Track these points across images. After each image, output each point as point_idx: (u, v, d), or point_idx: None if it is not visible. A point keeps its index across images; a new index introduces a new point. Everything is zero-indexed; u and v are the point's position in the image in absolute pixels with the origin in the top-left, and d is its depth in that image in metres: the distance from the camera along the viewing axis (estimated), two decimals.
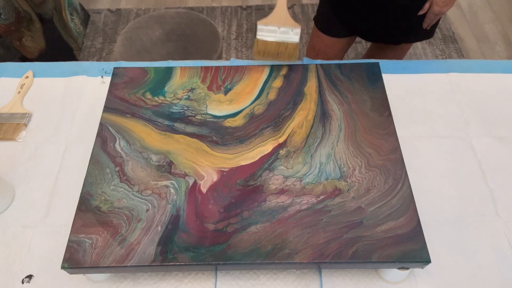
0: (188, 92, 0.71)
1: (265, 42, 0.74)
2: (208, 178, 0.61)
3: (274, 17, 0.74)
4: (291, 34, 0.74)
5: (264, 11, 1.99)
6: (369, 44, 1.87)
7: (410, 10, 0.93)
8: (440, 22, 1.93)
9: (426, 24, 0.95)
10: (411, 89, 0.82)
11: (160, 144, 0.65)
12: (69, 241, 0.55)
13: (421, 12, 0.91)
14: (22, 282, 0.61)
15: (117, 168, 0.62)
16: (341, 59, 1.17)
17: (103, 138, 0.65)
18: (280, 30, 0.74)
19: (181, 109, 0.69)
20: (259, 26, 0.74)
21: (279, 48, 0.75)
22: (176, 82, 0.73)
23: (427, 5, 0.90)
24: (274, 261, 0.53)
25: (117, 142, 0.65)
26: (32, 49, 1.53)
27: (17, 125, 0.77)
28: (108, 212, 0.58)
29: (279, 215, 0.57)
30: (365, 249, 0.54)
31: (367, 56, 1.22)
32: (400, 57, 1.12)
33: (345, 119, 0.67)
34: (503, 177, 0.70)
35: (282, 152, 0.63)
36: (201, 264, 0.53)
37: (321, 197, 0.59)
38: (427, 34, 1.02)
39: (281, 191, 0.59)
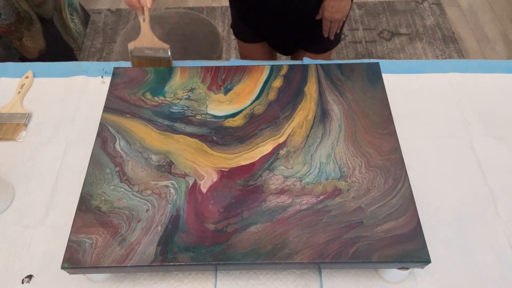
0: (188, 92, 0.71)
1: (140, 61, 0.79)
2: (208, 178, 0.61)
3: (141, 40, 0.77)
4: (162, 53, 0.77)
5: None
6: (368, 43, 1.87)
7: (306, 17, 0.93)
8: (440, 22, 1.93)
9: (326, 32, 0.95)
10: (411, 89, 0.82)
11: (160, 144, 0.65)
12: (69, 241, 0.55)
13: (318, 17, 0.92)
14: (22, 282, 0.61)
15: (117, 168, 0.62)
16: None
17: (103, 138, 0.65)
18: (150, 50, 0.78)
19: (181, 109, 0.69)
20: (129, 48, 0.77)
21: (154, 65, 0.78)
22: (176, 82, 0.73)
23: (321, 11, 0.90)
24: (274, 261, 0.53)
25: (117, 142, 0.65)
26: (32, 49, 1.53)
27: (17, 125, 0.77)
28: (108, 212, 0.58)
29: (279, 215, 0.57)
30: (365, 249, 0.54)
31: None
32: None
33: (345, 119, 0.67)
34: (503, 177, 0.70)
35: (282, 152, 0.63)
36: (201, 264, 0.53)
37: (321, 197, 0.59)
38: (332, 42, 1.00)
39: (281, 191, 0.59)
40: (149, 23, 0.77)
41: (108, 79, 0.84)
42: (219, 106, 0.69)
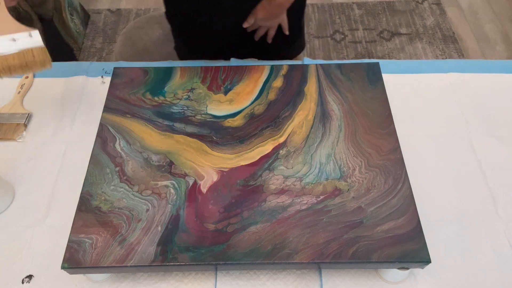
0: (188, 92, 0.71)
1: (5, 56, 0.63)
2: (208, 178, 0.61)
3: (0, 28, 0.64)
4: (32, 39, 0.64)
5: None
6: (368, 43, 1.87)
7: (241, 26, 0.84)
8: (440, 22, 1.93)
9: (258, 36, 0.86)
10: (411, 89, 0.82)
11: (160, 144, 0.65)
12: (69, 241, 0.55)
13: (245, 25, 0.82)
14: (22, 282, 0.61)
15: (117, 168, 0.62)
16: None
17: (103, 138, 0.65)
18: (16, 39, 0.64)
19: (181, 109, 0.69)
20: None
21: (26, 57, 0.64)
22: (176, 82, 0.73)
23: (251, 19, 0.81)
24: (274, 261, 0.53)
25: (117, 142, 0.65)
26: None
27: (17, 125, 0.77)
28: (108, 212, 0.58)
29: (279, 215, 0.57)
30: (365, 249, 0.54)
31: None
32: None
33: (345, 119, 0.67)
34: (503, 177, 0.70)
35: (282, 152, 0.63)
36: (201, 264, 0.53)
37: (321, 197, 0.59)
38: (294, 48, 0.94)
39: (281, 191, 0.59)
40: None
41: (108, 79, 0.84)
42: (219, 106, 0.69)
